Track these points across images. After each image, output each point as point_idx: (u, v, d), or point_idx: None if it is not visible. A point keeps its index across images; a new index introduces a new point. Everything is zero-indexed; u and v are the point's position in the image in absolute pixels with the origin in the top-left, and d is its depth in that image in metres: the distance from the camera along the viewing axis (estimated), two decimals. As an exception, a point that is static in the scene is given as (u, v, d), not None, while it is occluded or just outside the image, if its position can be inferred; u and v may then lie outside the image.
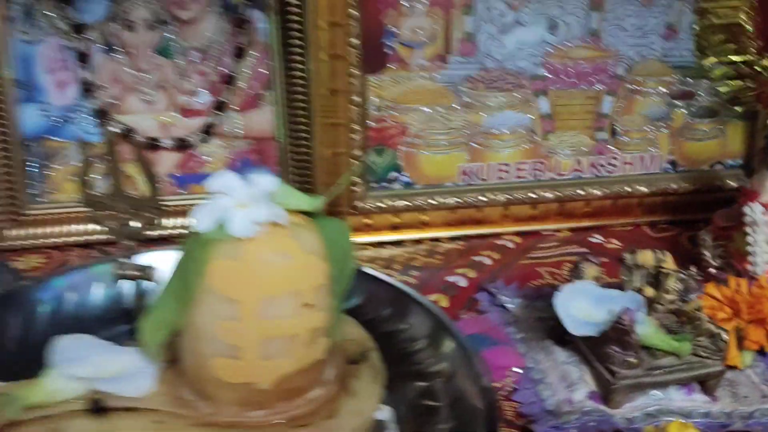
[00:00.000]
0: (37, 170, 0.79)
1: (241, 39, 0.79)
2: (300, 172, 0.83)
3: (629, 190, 0.85)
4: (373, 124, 0.79)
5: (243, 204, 0.46)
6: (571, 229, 0.86)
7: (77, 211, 0.79)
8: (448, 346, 0.57)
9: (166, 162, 0.81)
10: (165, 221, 0.75)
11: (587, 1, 0.79)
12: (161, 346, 0.50)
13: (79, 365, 0.50)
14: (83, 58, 0.76)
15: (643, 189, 0.86)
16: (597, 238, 0.84)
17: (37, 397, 0.49)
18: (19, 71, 0.76)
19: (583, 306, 0.61)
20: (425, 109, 0.80)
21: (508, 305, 0.70)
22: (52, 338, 0.59)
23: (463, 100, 0.80)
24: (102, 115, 0.78)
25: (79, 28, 0.75)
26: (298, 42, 0.78)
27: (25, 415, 0.48)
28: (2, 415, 0.47)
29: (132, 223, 0.55)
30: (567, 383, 0.60)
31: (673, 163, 0.87)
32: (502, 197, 0.83)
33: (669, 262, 0.62)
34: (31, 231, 0.79)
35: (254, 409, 0.48)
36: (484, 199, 0.82)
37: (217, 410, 0.48)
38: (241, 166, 0.50)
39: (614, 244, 0.84)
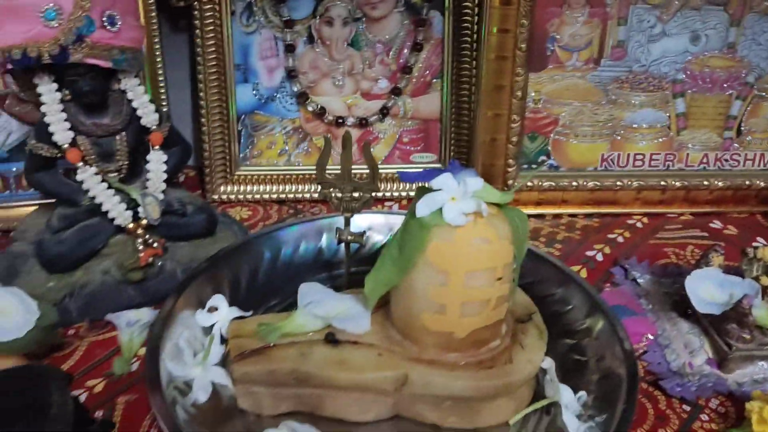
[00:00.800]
0: (245, 139, 0.96)
1: (420, 35, 0.93)
2: (458, 152, 0.97)
3: (748, 183, 0.95)
4: (529, 115, 0.92)
5: (455, 197, 0.61)
6: (693, 214, 0.97)
7: (275, 173, 0.97)
8: (596, 314, 0.71)
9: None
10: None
11: (727, 18, 0.88)
12: (378, 298, 0.66)
13: (318, 306, 0.66)
14: (290, 48, 0.92)
15: (761, 183, 0.95)
16: (716, 224, 0.95)
17: (290, 328, 0.66)
18: (238, 57, 0.92)
19: (708, 288, 0.73)
20: (576, 103, 0.92)
21: (640, 280, 0.83)
22: (275, 280, 0.77)
23: (609, 98, 0.92)
24: (301, 96, 0.94)
25: (289, 23, 0.91)
26: (468, 42, 0.92)
27: (281, 341, 0.65)
28: (265, 340, 0.64)
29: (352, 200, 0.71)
30: (689, 350, 0.73)
31: (791, 162, 0.97)
32: (635, 183, 0.94)
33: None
34: (240, 188, 0.97)
35: (450, 352, 0.64)
36: (620, 183, 0.94)
37: (422, 350, 0.64)
38: (451, 166, 0.63)
39: (730, 230, 0.94)
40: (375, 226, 0.84)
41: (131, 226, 0.75)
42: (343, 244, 0.74)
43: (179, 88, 0.98)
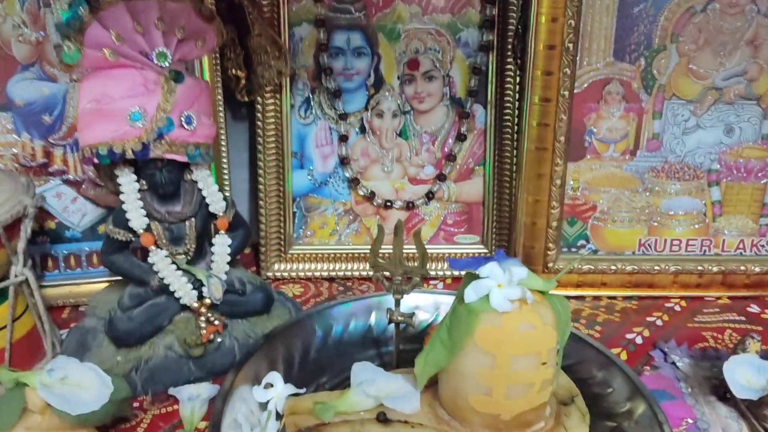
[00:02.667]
0: (299, 219, 1.02)
1: (464, 126, 0.99)
2: (500, 234, 1.02)
3: (785, 269, 0.98)
4: (568, 201, 0.96)
5: (501, 284, 0.66)
6: (731, 298, 0.99)
7: (326, 251, 1.03)
8: (637, 398, 0.74)
9: (395, 217, 1.03)
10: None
11: (761, 111, 0.93)
12: (427, 378, 0.70)
13: (370, 385, 0.70)
14: (343, 138, 0.99)
15: (798, 268, 0.98)
16: (754, 308, 0.98)
17: (344, 406, 0.70)
18: (295, 145, 0.99)
19: (746, 374, 0.76)
20: (613, 190, 0.96)
21: (679, 363, 0.85)
22: (326, 357, 0.82)
23: (646, 186, 0.96)
24: (353, 181, 1.00)
25: (343, 116, 0.98)
26: (510, 132, 0.98)
27: (334, 419, 0.69)
28: (321, 418, 0.68)
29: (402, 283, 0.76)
30: (727, 435, 0.75)
31: (827, 249, 0.99)
32: (672, 267, 0.98)
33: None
34: (293, 265, 1.02)
35: (496, 432, 0.67)
36: (658, 267, 0.97)
37: (470, 430, 0.67)
38: (497, 255, 0.68)
39: (768, 314, 0.97)
40: (422, 305, 0.89)
41: (196, 304, 0.80)
42: (393, 324, 0.78)
43: (238, 168, 1.05)
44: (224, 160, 0.97)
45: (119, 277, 0.94)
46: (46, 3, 0.87)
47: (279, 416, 0.73)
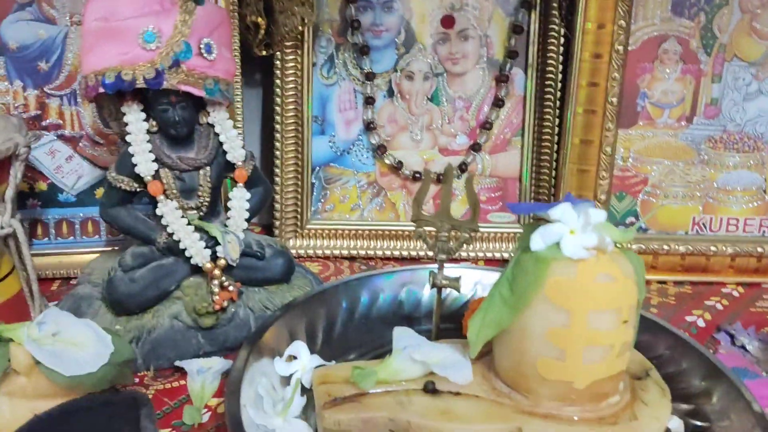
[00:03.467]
0: (318, 192, 0.93)
1: (501, 91, 0.91)
2: (538, 212, 0.93)
3: None
4: (617, 173, 0.87)
5: (574, 230, 0.56)
6: (794, 284, 0.90)
7: (347, 227, 0.93)
8: (715, 377, 0.64)
9: (424, 193, 0.93)
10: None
11: (830, 76, 0.85)
12: (483, 343, 0.60)
13: (416, 351, 0.60)
14: (369, 100, 0.90)
15: None
16: (821, 294, 0.89)
17: (386, 373, 0.59)
18: (316, 109, 0.90)
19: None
20: (666, 162, 0.88)
21: (748, 347, 0.76)
22: (353, 332, 0.72)
23: (702, 158, 0.88)
24: (378, 149, 0.91)
25: (369, 76, 0.89)
26: (551, 99, 0.89)
27: (376, 388, 0.59)
28: (360, 386, 0.58)
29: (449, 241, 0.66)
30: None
31: None
32: (729, 249, 0.89)
33: None
34: (311, 242, 0.92)
35: (568, 405, 0.57)
36: (714, 249, 0.88)
37: (535, 403, 0.57)
38: (567, 198, 0.59)
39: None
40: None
41: (209, 266, 0.70)
42: (435, 290, 0.68)
43: (251, 135, 0.96)
44: (239, 119, 0.87)
45: (116, 245, 0.85)
46: (47, -68, 0.78)
47: (304, 391, 0.63)
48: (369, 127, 0.90)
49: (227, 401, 0.58)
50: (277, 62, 0.87)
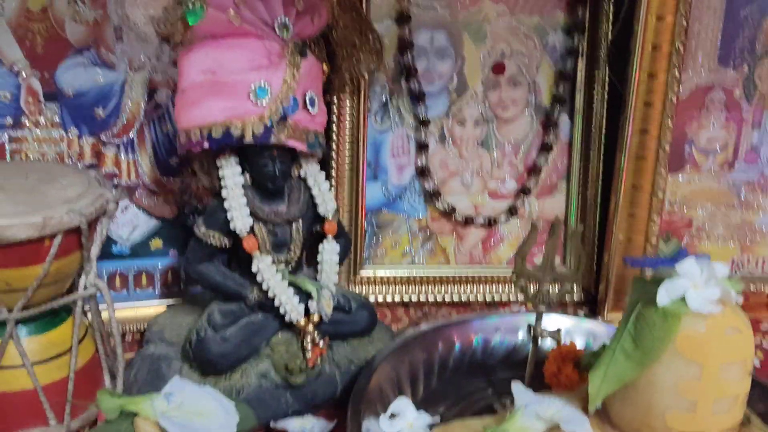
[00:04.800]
0: (370, 238, 0.92)
1: (549, 136, 0.93)
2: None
3: None
4: (665, 216, 0.90)
5: (697, 285, 0.58)
6: (821, 321, 0.95)
7: (399, 274, 0.92)
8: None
9: (473, 236, 0.94)
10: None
11: None
12: (604, 397, 0.60)
13: (540, 407, 0.60)
14: (423, 147, 0.90)
15: None
16: None
17: (514, 429, 0.59)
18: (369, 154, 0.89)
19: None
20: (710, 206, 0.91)
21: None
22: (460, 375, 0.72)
23: (742, 201, 0.92)
24: (430, 195, 0.91)
25: (425, 122, 0.89)
26: (597, 144, 0.91)
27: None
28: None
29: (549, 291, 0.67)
30: None
31: None
32: (766, 288, 0.93)
33: None
34: (364, 289, 0.91)
35: (695, 456, 0.58)
36: (753, 288, 0.92)
37: (663, 454, 0.58)
38: (681, 254, 0.60)
39: None
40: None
41: (302, 322, 0.68)
42: (531, 343, 0.68)
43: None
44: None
45: (172, 298, 0.82)
46: (108, -23, 0.75)
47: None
48: (423, 172, 0.90)
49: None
50: (334, 107, 0.86)
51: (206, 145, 0.62)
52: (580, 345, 0.78)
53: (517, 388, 0.63)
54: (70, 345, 0.65)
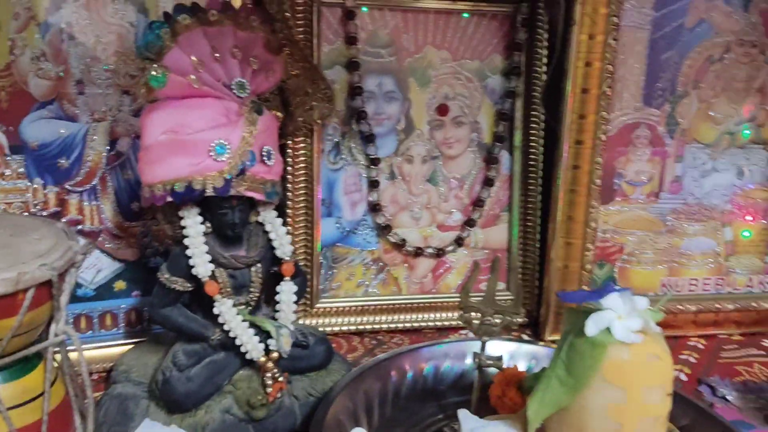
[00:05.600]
0: (326, 270, 0.97)
1: (490, 171, 0.99)
2: (524, 279, 1.01)
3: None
4: (598, 243, 0.98)
5: (621, 316, 0.64)
6: (743, 334, 1.03)
7: (353, 305, 0.97)
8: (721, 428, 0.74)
9: (423, 266, 1.00)
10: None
11: (767, 155, 1.00)
12: (541, 421, 0.66)
13: (483, 430, 0.66)
14: (374, 184, 0.95)
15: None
16: (766, 342, 1.02)
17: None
18: (324, 192, 0.95)
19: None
20: (639, 233, 0.99)
21: (728, 397, 0.87)
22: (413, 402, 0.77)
23: (668, 227, 0.99)
24: (382, 228, 0.97)
25: (375, 162, 0.95)
26: (534, 177, 0.98)
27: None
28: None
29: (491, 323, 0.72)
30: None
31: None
32: (693, 306, 1.01)
33: None
34: (320, 320, 0.96)
35: (624, 472, 0.64)
36: (681, 307, 1.00)
37: (596, 473, 0.64)
38: (607, 287, 0.67)
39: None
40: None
41: (263, 359, 0.73)
42: (476, 370, 0.74)
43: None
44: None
45: (136, 338, 0.85)
46: (69, 35, 0.79)
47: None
48: (375, 208, 0.96)
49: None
50: (289, 150, 0.91)
51: (169, 198, 0.66)
52: (523, 367, 0.84)
53: (463, 415, 0.69)
54: (42, 389, 0.68)
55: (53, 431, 0.68)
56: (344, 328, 0.97)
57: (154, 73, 0.62)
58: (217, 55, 0.67)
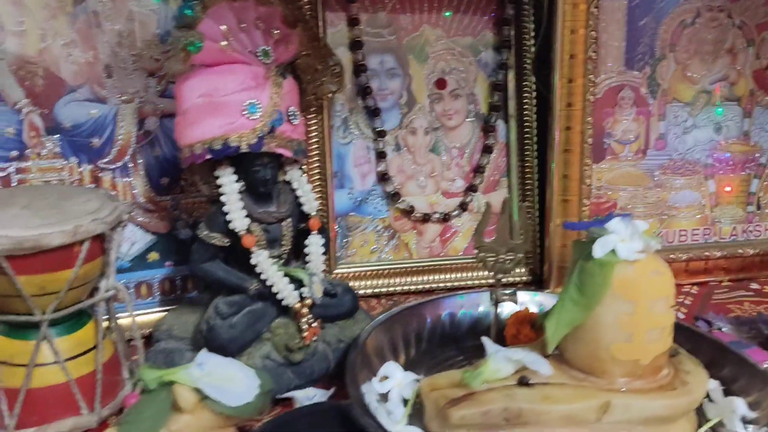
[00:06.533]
0: (341, 239, 1.03)
1: (488, 140, 1.06)
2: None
3: (773, 249, 1.12)
4: (592, 200, 1.05)
5: (624, 239, 0.71)
6: (731, 280, 1.11)
7: (368, 269, 1.03)
8: (721, 351, 0.80)
9: (431, 231, 1.06)
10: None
11: (741, 111, 1.08)
12: (559, 340, 0.72)
13: (508, 351, 0.72)
14: (381, 155, 1.02)
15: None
16: (755, 285, 1.09)
17: (488, 373, 0.71)
18: (335, 165, 1.01)
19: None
20: (630, 188, 1.06)
21: (724, 329, 0.94)
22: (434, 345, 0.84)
23: (656, 182, 1.07)
24: (391, 197, 1.03)
25: (381, 133, 1.01)
26: (530, 143, 1.05)
27: (482, 387, 0.70)
28: (471, 386, 0.69)
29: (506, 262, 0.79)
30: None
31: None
32: (684, 255, 1.08)
33: None
34: (339, 286, 1.02)
35: (636, 380, 0.71)
36: (672, 256, 1.07)
37: (610, 381, 0.70)
38: (609, 216, 0.74)
39: (768, 290, 1.09)
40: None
41: (298, 306, 0.78)
42: (494, 304, 0.81)
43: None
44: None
45: (171, 305, 0.90)
46: (97, 23, 0.85)
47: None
48: (383, 178, 1.02)
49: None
50: (301, 126, 0.97)
51: (208, 156, 0.72)
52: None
53: (487, 341, 0.75)
54: (94, 343, 0.73)
55: (105, 381, 0.74)
56: (362, 291, 1.02)
57: (192, 38, 0.68)
58: (243, 25, 0.73)
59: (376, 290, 1.03)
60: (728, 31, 1.05)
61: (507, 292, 0.80)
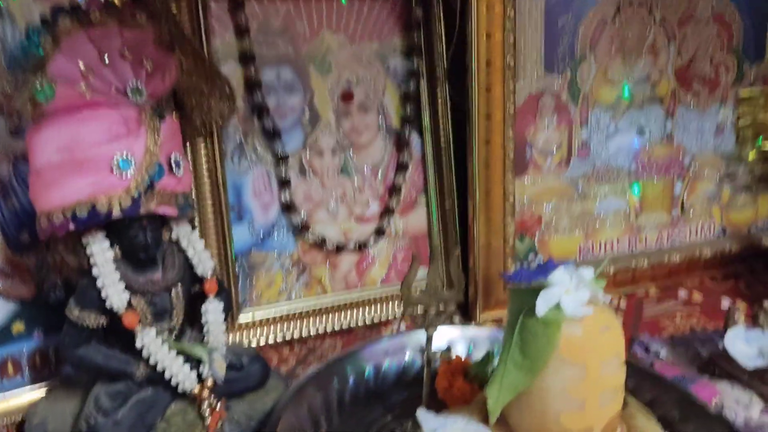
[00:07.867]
0: (243, 281, 0.90)
1: (403, 156, 0.96)
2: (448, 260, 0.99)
3: (698, 253, 1.08)
4: (517, 217, 0.97)
5: (569, 290, 0.63)
6: (659, 287, 1.06)
7: (277, 314, 0.92)
8: (666, 386, 0.74)
9: (346, 262, 0.95)
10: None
11: (663, 112, 1.02)
12: (502, 407, 0.64)
13: (445, 429, 0.63)
14: (283, 182, 0.90)
15: (706, 251, 1.08)
16: (683, 293, 1.05)
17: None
18: (232, 197, 0.88)
19: (742, 345, 0.81)
20: (554, 201, 0.99)
21: (660, 353, 0.88)
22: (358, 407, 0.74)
23: (580, 193, 1.00)
24: (299, 228, 0.91)
25: (281, 158, 0.89)
26: (447, 157, 0.96)
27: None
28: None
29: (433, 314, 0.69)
30: (742, 405, 0.78)
31: (723, 230, 1.11)
32: (611, 267, 1.02)
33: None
34: (245, 335, 0.89)
35: (589, 448, 0.63)
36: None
37: (561, 452, 0.63)
38: (549, 264, 0.65)
39: (697, 296, 1.04)
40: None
41: (197, 389, 0.66)
42: (425, 366, 0.71)
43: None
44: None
45: (44, 385, 0.76)
46: None
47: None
48: (288, 208, 0.90)
49: None
50: (188, 155, 0.83)
51: (71, 226, 0.58)
52: (461, 351, 0.82)
53: (422, 415, 0.65)
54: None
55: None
56: (271, 339, 0.91)
57: (39, 86, 0.54)
58: (106, 58, 0.59)
59: (288, 336, 0.92)
60: (649, 26, 0.98)
61: (440, 349, 0.71)
